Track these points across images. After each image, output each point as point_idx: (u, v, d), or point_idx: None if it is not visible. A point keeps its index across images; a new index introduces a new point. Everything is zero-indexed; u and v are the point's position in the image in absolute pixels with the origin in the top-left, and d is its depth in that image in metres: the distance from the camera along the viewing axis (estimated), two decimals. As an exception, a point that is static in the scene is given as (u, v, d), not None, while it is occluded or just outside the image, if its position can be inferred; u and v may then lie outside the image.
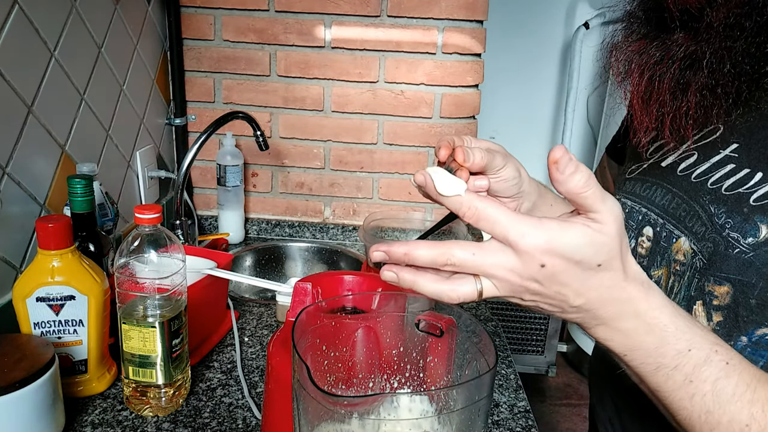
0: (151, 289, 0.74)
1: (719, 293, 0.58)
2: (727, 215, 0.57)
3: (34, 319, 0.75)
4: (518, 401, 0.87)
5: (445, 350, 0.58)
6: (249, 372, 0.90)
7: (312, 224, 1.56)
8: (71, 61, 1.00)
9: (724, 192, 0.58)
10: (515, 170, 0.62)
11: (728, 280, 0.57)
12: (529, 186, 0.66)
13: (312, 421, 0.48)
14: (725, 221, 0.57)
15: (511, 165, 0.62)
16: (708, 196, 0.60)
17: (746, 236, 0.55)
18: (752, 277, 0.55)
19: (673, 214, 0.64)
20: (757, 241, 0.55)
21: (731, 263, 0.56)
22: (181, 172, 1.24)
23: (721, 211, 0.58)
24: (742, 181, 0.57)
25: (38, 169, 0.94)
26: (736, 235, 0.56)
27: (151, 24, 1.33)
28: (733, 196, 0.57)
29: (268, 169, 1.54)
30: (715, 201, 0.59)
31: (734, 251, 0.56)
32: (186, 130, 1.50)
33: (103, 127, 1.14)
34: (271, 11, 1.40)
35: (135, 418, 0.78)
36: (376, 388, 0.61)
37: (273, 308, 1.13)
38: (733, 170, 0.58)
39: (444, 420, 0.49)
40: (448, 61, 1.42)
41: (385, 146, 1.50)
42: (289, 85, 1.46)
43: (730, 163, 0.58)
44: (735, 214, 0.57)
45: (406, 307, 0.61)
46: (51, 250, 0.73)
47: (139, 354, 0.75)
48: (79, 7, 1.02)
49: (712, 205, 0.59)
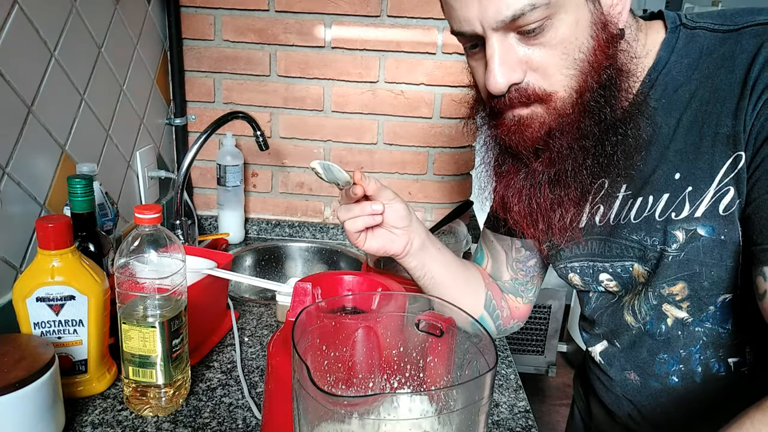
0: (151, 289, 0.74)
1: (677, 291, 0.68)
2: (649, 236, 0.68)
3: (34, 319, 0.75)
4: (518, 401, 0.87)
5: (445, 350, 0.58)
6: (249, 372, 0.90)
7: (312, 224, 1.56)
8: (71, 61, 1.00)
9: (634, 221, 0.70)
10: (405, 205, 0.77)
11: (678, 279, 0.67)
12: (418, 225, 0.79)
13: (312, 421, 0.48)
14: (652, 241, 0.68)
15: (400, 200, 0.76)
16: (625, 229, 0.71)
17: (671, 245, 0.66)
18: (694, 268, 0.65)
19: (612, 255, 0.74)
20: (680, 244, 0.65)
21: (672, 267, 0.67)
22: (181, 172, 1.24)
23: (642, 235, 0.69)
24: (641, 207, 0.68)
25: (38, 169, 0.94)
26: (664, 246, 0.67)
27: (151, 24, 1.33)
28: (643, 220, 0.68)
29: (268, 169, 1.54)
30: (634, 230, 0.70)
31: (669, 258, 0.66)
32: (186, 130, 1.50)
33: (103, 127, 1.14)
34: (271, 11, 1.40)
35: (135, 418, 0.78)
36: (376, 388, 0.61)
37: (273, 308, 1.13)
38: (631, 204, 0.70)
39: (444, 420, 0.49)
40: (448, 61, 1.42)
41: (385, 146, 1.50)
42: (289, 85, 1.46)
43: (629, 199, 0.70)
44: (654, 233, 0.67)
45: (406, 307, 0.61)
46: (51, 250, 0.73)
47: (139, 354, 0.75)
48: (79, 7, 1.02)
49: (633, 234, 0.70)
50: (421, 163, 1.51)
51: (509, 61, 0.60)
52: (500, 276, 0.91)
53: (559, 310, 2.28)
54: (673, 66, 0.65)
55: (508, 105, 0.63)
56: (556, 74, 0.61)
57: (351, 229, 0.74)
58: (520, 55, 0.60)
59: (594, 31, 0.60)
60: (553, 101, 0.62)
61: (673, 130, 0.64)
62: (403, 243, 0.77)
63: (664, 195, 0.65)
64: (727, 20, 0.63)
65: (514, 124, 0.65)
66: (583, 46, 0.60)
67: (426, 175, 1.53)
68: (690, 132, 0.63)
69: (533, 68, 0.61)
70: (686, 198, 0.64)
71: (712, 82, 0.62)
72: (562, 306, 2.28)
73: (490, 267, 0.92)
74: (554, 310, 2.27)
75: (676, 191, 0.64)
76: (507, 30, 0.59)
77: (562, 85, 0.61)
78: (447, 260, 0.83)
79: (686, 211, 0.64)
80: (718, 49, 0.62)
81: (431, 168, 1.52)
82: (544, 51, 0.60)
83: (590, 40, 0.60)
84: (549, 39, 0.59)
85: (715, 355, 0.69)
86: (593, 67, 0.61)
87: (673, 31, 0.66)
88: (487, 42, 0.60)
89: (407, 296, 0.62)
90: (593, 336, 0.84)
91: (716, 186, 0.61)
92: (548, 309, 2.27)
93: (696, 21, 0.65)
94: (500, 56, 0.60)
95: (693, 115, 0.63)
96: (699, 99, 0.63)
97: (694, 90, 0.63)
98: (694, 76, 0.63)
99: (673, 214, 0.65)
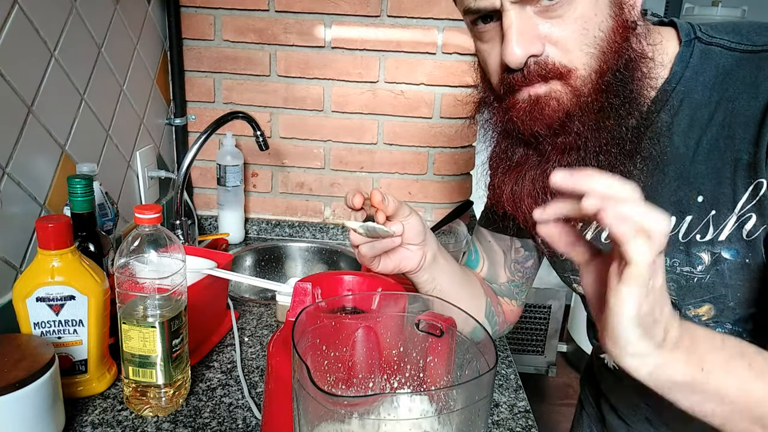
0: (151, 289, 0.74)
1: (703, 312, 0.67)
2: (670, 257, 0.66)
3: (34, 319, 0.75)
4: (518, 401, 0.87)
5: (445, 350, 0.58)
6: (249, 372, 0.90)
7: (312, 224, 1.56)
8: (71, 61, 1.00)
9: None
10: (420, 219, 0.72)
11: (703, 301, 0.66)
12: (430, 237, 0.76)
13: (312, 421, 0.48)
14: (672, 262, 0.66)
15: (415, 214, 0.72)
16: None
17: (696, 266, 0.64)
18: (720, 290, 0.64)
19: None
20: (705, 266, 0.64)
21: (697, 290, 0.65)
22: (181, 172, 1.24)
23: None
24: None
25: (38, 169, 0.94)
26: (689, 268, 0.65)
27: (151, 24, 1.33)
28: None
29: (268, 169, 1.54)
30: None
31: (694, 280, 0.65)
32: (186, 130, 1.50)
33: (103, 127, 1.14)
34: (271, 11, 1.40)
35: (135, 418, 0.78)
36: (376, 388, 0.61)
37: (273, 308, 1.13)
38: None
39: (444, 420, 0.49)
40: (448, 61, 1.42)
41: (385, 146, 1.50)
42: (289, 85, 1.46)
43: None
44: (676, 254, 0.65)
45: (406, 307, 0.61)
46: (51, 250, 0.73)
47: (139, 354, 0.75)
48: (79, 7, 1.02)
49: None
50: (421, 163, 1.51)
51: (527, 33, 0.58)
52: (496, 278, 0.89)
53: (559, 310, 2.28)
54: (689, 82, 0.63)
55: (526, 80, 0.60)
56: (576, 50, 0.59)
57: (367, 254, 0.71)
58: (538, 28, 0.58)
59: (612, 11, 0.59)
60: (573, 79, 0.60)
61: (693, 152, 0.62)
62: (418, 259, 0.74)
63: (687, 217, 0.64)
64: (744, 38, 0.61)
65: (530, 104, 0.61)
66: (603, 24, 0.58)
67: (426, 175, 1.53)
68: (711, 155, 0.61)
69: (552, 42, 0.59)
70: (710, 221, 0.62)
71: (733, 106, 0.60)
72: (562, 306, 2.28)
73: (485, 269, 0.90)
74: (554, 310, 2.27)
75: (699, 214, 0.63)
76: (525, 2, 0.58)
77: (582, 62, 0.59)
78: (453, 270, 0.81)
79: (710, 234, 0.62)
80: (737, 71, 0.60)
81: (431, 168, 1.52)
82: (564, 25, 0.58)
83: (609, 19, 0.58)
84: (568, 13, 0.57)
85: None
86: (612, 47, 0.59)
87: (687, 44, 0.63)
88: (504, 14, 0.58)
89: (407, 296, 0.62)
90: None
91: (739, 211, 0.60)
92: (548, 309, 2.27)
93: (711, 36, 0.63)
94: (518, 27, 0.58)
95: (714, 138, 0.61)
96: (719, 122, 0.61)
97: (713, 111, 0.61)
98: (713, 98, 0.62)
99: (698, 236, 0.63)
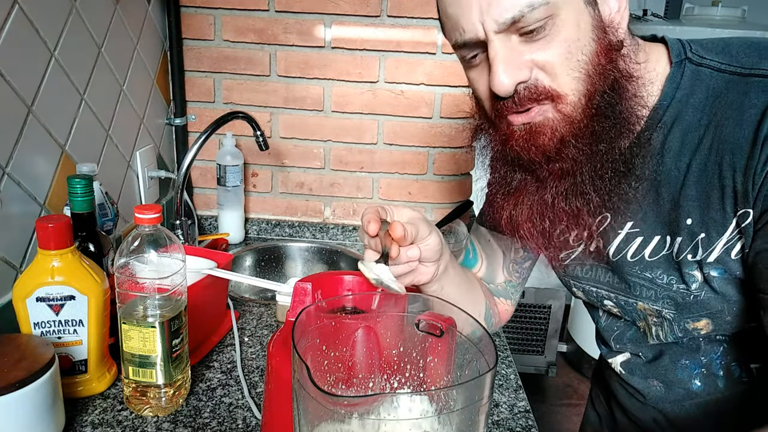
0: (151, 289, 0.74)
1: (701, 326, 0.69)
2: (667, 275, 0.68)
3: (34, 319, 0.75)
4: (518, 401, 0.87)
5: (445, 350, 0.58)
6: (249, 372, 0.90)
7: (312, 224, 1.56)
8: (71, 61, 1.00)
9: (649, 259, 0.69)
10: (437, 236, 0.70)
11: (701, 316, 0.68)
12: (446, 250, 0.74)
13: (312, 421, 0.48)
14: (669, 279, 0.68)
15: (434, 231, 0.70)
16: (636, 267, 0.70)
17: (690, 285, 0.66)
18: (716, 306, 0.66)
19: (619, 288, 0.75)
20: (699, 283, 0.66)
21: (694, 306, 0.68)
22: (181, 172, 1.24)
23: (658, 273, 0.69)
24: (658, 246, 0.68)
25: (38, 169, 0.94)
26: (683, 286, 0.67)
27: (151, 24, 1.33)
28: (661, 259, 0.68)
29: (268, 169, 1.54)
30: (647, 268, 0.69)
31: (690, 297, 0.67)
32: (186, 130, 1.50)
33: (103, 127, 1.14)
34: (271, 11, 1.40)
35: (135, 418, 0.78)
36: (376, 388, 0.61)
37: (273, 308, 1.13)
38: (644, 241, 0.69)
39: (444, 420, 0.49)
40: (448, 61, 1.42)
41: (385, 146, 1.50)
42: (289, 85, 1.46)
43: (636, 237, 0.69)
44: (671, 272, 0.67)
45: (406, 307, 0.61)
46: (51, 250, 0.73)
47: (139, 354, 0.75)
48: (79, 7, 1.02)
49: (647, 272, 0.70)
50: (421, 163, 1.51)
51: (513, 61, 0.60)
52: (494, 279, 0.89)
53: (559, 310, 2.28)
54: (679, 104, 0.63)
55: (517, 105, 0.61)
56: (563, 74, 0.60)
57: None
58: (524, 55, 0.60)
59: (595, 34, 0.60)
60: (563, 104, 0.61)
61: (683, 175, 0.63)
62: (432, 273, 0.73)
63: (678, 238, 0.65)
64: (734, 60, 0.62)
65: (525, 132, 0.63)
66: (586, 48, 0.59)
67: (426, 175, 1.53)
68: (700, 180, 0.62)
69: (539, 66, 0.60)
70: (699, 243, 0.63)
71: (721, 132, 0.60)
72: (562, 306, 2.28)
73: (483, 269, 0.89)
74: (554, 310, 2.27)
75: (689, 236, 0.64)
76: (509, 32, 0.59)
77: (570, 88, 0.60)
78: (460, 278, 0.80)
79: (699, 255, 0.64)
80: (726, 94, 0.61)
81: (431, 168, 1.52)
82: (549, 49, 0.59)
83: (592, 43, 0.60)
84: (552, 38, 0.58)
85: (736, 360, 0.70)
86: (597, 70, 0.60)
87: (678, 65, 0.64)
88: (490, 45, 0.60)
89: (407, 296, 0.62)
90: (612, 350, 0.83)
91: (727, 236, 0.61)
92: (548, 309, 2.27)
93: (702, 56, 0.63)
94: (504, 56, 0.59)
95: (702, 162, 0.62)
96: (707, 147, 0.61)
97: (702, 135, 0.62)
98: (703, 121, 0.62)
99: (689, 256, 0.65)
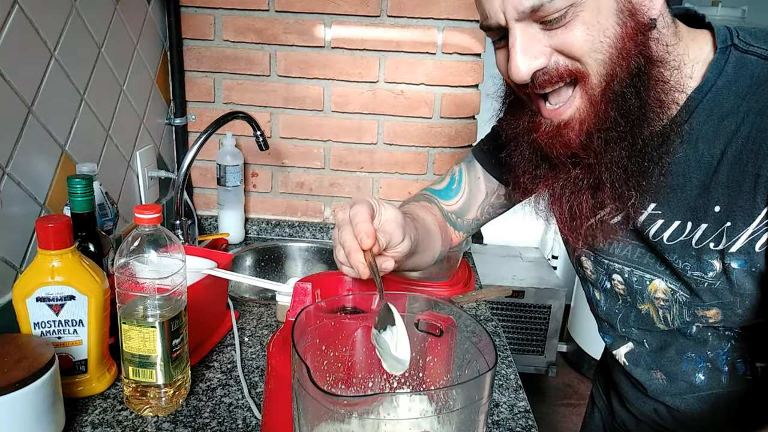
0: (151, 289, 0.74)
1: (710, 314, 0.69)
2: (682, 260, 0.67)
3: (34, 319, 0.75)
4: (518, 401, 0.87)
5: (445, 350, 0.58)
6: (249, 372, 0.90)
7: (312, 224, 1.56)
8: (71, 61, 1.00)
9: (667, 242, 0.68)
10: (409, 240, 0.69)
11: (712, 305, 0.68)
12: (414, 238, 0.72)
13: (312, 421, 0.48)
14: (683, 265, 0.67)
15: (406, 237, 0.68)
16: (658, 247, 0.70)
17: (706, 272, 0.66)
18: (728, 297, 0.66)
19: (639, 262, 0.74)
20: (716, 273, 0.65)
21: (707, 294, 0.67)
22: (181, 172, 1.24)
23: (674, 257, 0.68)
24: (677, 231, 0.67)
25: (38, 169, 0.94)
26: (699, 273, 0.66)
27: (151, 24, 1.33)
28: (678, 244, 0.67)
29: (268, 169, 1.54)
30: (666, 251, 0.69)
31: (705, 285, 0.67)
32: (186, 130, 1.50)
33: (103, 127, 1.14)
34: (271, 11, 1.40)
35: (135, 418, 0.78)
36: (375, 387, 0.61)
37: (273, 308, 1.13)
38: (664, 224, 0.68)
39: (444, 420, 0.49)
40: (448, 61, 1.42)
41: (385, 146, 1.50)
42: (289, 85, 1.46)
43: (658, 219, 0.68)
44: (688, 258, 0.67)
45: (406, 307, 0.61)
46: (51, 250, 0.73)
47: (139, 354, 0.75)
48: (79, 7, 1.02)
49: (666, 254, 0.69)
50: (421, 163, 1.51)
51: (531, 50, 0.60)
52: (465, 214, 0.89)
53: (559, 310, 2.28)
54: (720, 90, 0.62)
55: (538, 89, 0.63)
56: (584, 56, 0.60)
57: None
58: (543, 43, 0.60)
59: (620, 18, 0.59)
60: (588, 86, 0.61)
61: (717, 161, 0.62)
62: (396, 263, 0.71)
63: (702, 225, 0.65)
64: None
65: (553, 129, 0.64)
66: (609, 30, 0.59)
67: (426, 175, 1.53)
68: (734, 167, 0.61)
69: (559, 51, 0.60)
70: (724, 232, 0.63)
71: (760, 119, 0.59)
72: (562, 306, 2.28)
73: (459, 204, 0.89)
74: (554, 310, 2.27)
75: (714, 223, 0.64)
76: (529, 20, 0.60)
77: (592, 69, 0.60)
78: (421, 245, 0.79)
79: (722, 245, 0.63)
80: None
81: (431, 168, 1.52)
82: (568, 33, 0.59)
83: (616, 26, 0.59)
84: (572, 26, 0.59)
85: (742, 357, 0.70)
86: (621, 54, 0.60)
87: (723, 51, 0.63)
88: (510, 33, 0.61)
89: (407, 296, 0.62)
90: (617, 338, 0.83)
91: (755, 226, 0.61)
92: (548, 309, 2.27)
93: (749, 43, 0.62)
94: (522, 45, 0.60)
95: (738, 149, 0.61)
96: (745, 134, 0.60)
97: (740, 122, 0.61)
98: (742, 108, 0.61)
99: (711, 245, 0.64)
